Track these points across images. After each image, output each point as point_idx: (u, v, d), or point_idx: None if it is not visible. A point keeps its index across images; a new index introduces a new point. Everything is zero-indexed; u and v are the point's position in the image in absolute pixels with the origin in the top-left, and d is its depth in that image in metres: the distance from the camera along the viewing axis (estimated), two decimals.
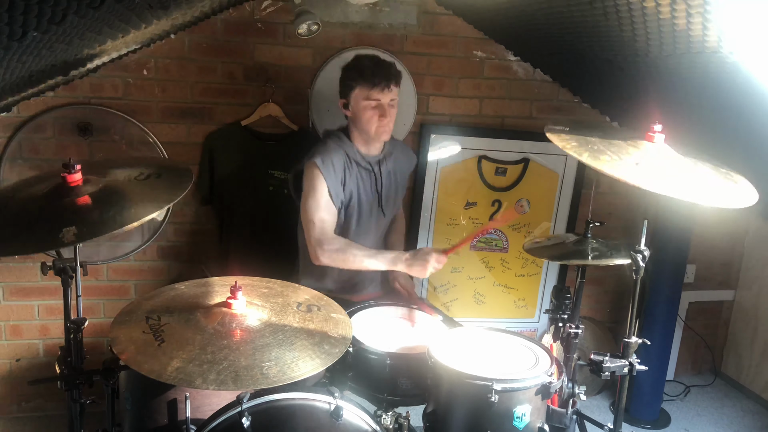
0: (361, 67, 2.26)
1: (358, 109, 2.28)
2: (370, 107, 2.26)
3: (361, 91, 2.25)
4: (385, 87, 2.24)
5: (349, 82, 2.28)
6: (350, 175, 2.34)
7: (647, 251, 1.81)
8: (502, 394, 1.74)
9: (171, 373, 1.38)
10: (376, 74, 2.23)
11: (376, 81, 2.23)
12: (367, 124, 2.28)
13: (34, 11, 0.80)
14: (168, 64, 2.75)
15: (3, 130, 2.67)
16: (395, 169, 2.49)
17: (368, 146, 2.38)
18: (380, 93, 2.24)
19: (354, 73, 2.27)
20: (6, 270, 2.82)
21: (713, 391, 3.62)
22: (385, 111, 2.27)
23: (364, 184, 2.38)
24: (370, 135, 2.32)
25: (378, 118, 2.27)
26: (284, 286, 1.90)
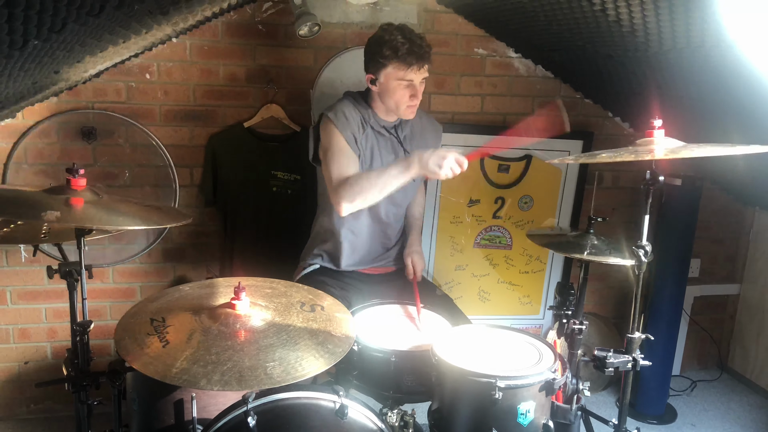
0: (395, 44, 2.13)
1: (389, 87, 2.20)
2: (402, 87, 2.19)
3: (395, 70, 2.16)
4: (419, 67, 2.17)
5: (380, 60, 2.17)
6: (365, 136, 2.29)
7: (649, 246, 1.81)
8: (506, 391, 1.74)
9: (175, 374, 1.39)
10: (412, 53, 2.13)
11: (412, 60, 2.14)
12: (397, 102, 2.23)
13: (34, 21, 0.82)
14: (170, 68, 2.76)
15: (8, 136, 2.70)
16: (416, 135, 2.42)
17: (388, 114, 2.33)
18: (415, 73, 2.17)
19: (387, 51, 2.14)
20: (13, 274, 2.84)
21: (720, 385, 3.61)
22: (416, 91, 2.22)
23: (383, 148, 2.34)
24: (398, 112, 2.26)
25: (409, 97, 2.22)
26: (288, 287, 1.91)
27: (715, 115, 2.15)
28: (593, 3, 1.84)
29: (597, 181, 3.35)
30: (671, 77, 2.16)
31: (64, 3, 0.80)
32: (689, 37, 1.71)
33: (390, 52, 2.14)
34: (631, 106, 2.91)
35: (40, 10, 0.76)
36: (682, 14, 1.61)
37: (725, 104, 2.00)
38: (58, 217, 1.51)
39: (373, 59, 2.21)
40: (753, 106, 1.87)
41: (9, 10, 0.70)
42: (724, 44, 1.63)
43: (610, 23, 1.93)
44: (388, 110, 2.31)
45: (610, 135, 3.25)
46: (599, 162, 2.88)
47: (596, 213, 2.24)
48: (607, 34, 2.05)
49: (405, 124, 2.39)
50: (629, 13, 1.78)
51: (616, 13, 1.83)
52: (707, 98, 2.08)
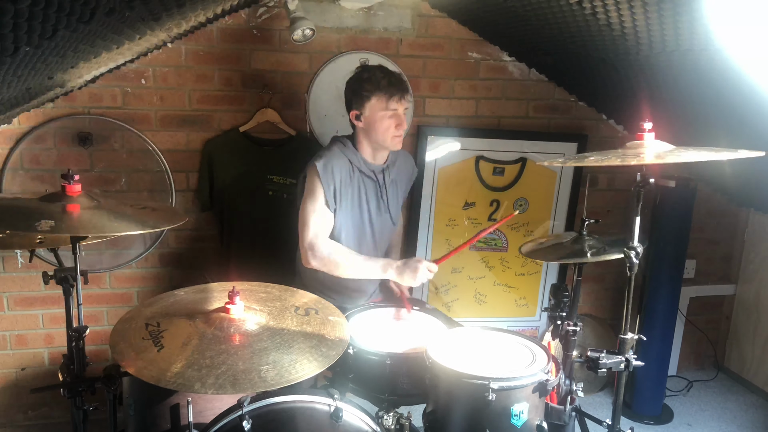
0: (376, 79, 2.27)
1: (375, 119, 2.29)
2: (387, 117, 2.28)
3: (379, 101, 2.27)
4: (401, 98, 2.28)
5: (364, 93, 2.28)
6: (353, 183, 2.36)
7: (640, 247, 1.82)
8: (499, 392, 1.75)
9: (170, 378, 1.40)
10: (393, 84, 2.27)
11: (393, 91, 2.26)
12: (384, 133, 2.30)
13: (24, 28, 0.83)
14: (166, 73, 2.78)
15: (4, 142, 2.71)
16: (398, 178, 2.51)
17: (374, 155, 2.40)
18: (398, 103, 2.28)
19: (369, 85, 2.28)
20: (10, 280, 2.85)
21: (716, 385, 3.62)
22: (401, 120, 2.31)
23: (368, 192, 2.40)
24: (385, 144, 2.34)
25: (395, 127, 2.30)
26: (282, 290, 1.92)
27: (705, 117, 2.17)
28: (584, 7, 1.85)
29: (592, 183, 3.36)
30: (663, 80, 2.17)
31: (54, 10, 0.80)
32: (678, 40, 1.73)
33: (372, 86, 2.27)
34: (624, 109, 2.93)
35: (29, 17, 0.77)
36: (670, 18, 1.62)
37: (714, 107, 2.02)
38: (51, 226, 1.52)
39: (357, 95, 2.31)
40: (741, 108, 1.89)
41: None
42: (713, 48, 1.64)
43: (600, 27, 1.95)
44: (375, 147, 2.37)
45: (605, 137, 3.27)
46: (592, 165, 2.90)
47: (592, 215, 2.26)
48: (599, 37, 2.06)
49: (391, 167, 2.45)
50: (619, 16, 1.80)
51: (606, 17, 1.85)
52: (697, 101, 2.09)
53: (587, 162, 1.61)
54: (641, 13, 1.71)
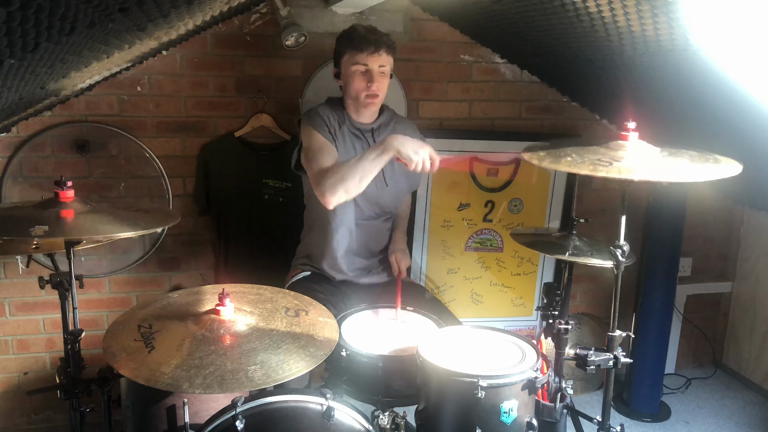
0: (351, 33, 2.28)
1: (348, 74, 2.29)
2: (359, 72, 2.26)
3: (350, 56, 2.26)
4: (374, 51, 2.23)
5: (339, 48, 2.30)
6: (342, 137, 2.34)
7: (626, 246, 1.84)
8: (488, 390, 1.77)
9: (159, 378, 1.44)
10: (366, 39, 2.23)
11: (364, 46, 2.23)
12: (354, 90, 2.28)
13: (4, 42, 0.86)
14: (161, 80, 2.82)
15: (3, 150, 2.75)
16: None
17: (359, 113, 2.38)
18: (368, 57, 2.24)
19: (345, 39, 2.29)
20: (11, 285, 2.89)
21: (714, 383, 3.63)
22: (372, 76, 2.26)
23: (357, 148, 2.37)
24: (359, 101, 2.31)
25: (366, 84, 2.27)
26: (274, 292, 1.96)
27: (688, 117, 2.19)
28: (567, 9, 1.88)
29: (586, 183, 3.39)
30: (650, 80, 2.19)
31: (31, 24, 0.84)
32: (659, 41, 1.75)
33: (346, 40, 2.28)
34: (616, 109, 2.96)
35: (6, 32, 0.80)
36: (649, 19, 1.65)
37: (696, 106, 2.04)
38: (45, 231, 1.56)
39: (336, 51, 2.33)
40: (722, 108, 1.91)
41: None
42: (692, 48, 1.66)
43: (585, 29, 1.98)
44: (355, 106, 2.36)
45: (598, 138, 3.27)
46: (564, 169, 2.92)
47: (586, 214, 2.28)
48: (584, 39, 2.09)
49: (383, 127, 2.43)
50: (601, 18, 1.82)
51: (589, 18, 1.87)
52: (679, 101, 2.12)
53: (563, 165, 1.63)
54: (622, 15, 1.73)
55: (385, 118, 2.44)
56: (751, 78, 1.68)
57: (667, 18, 1.60)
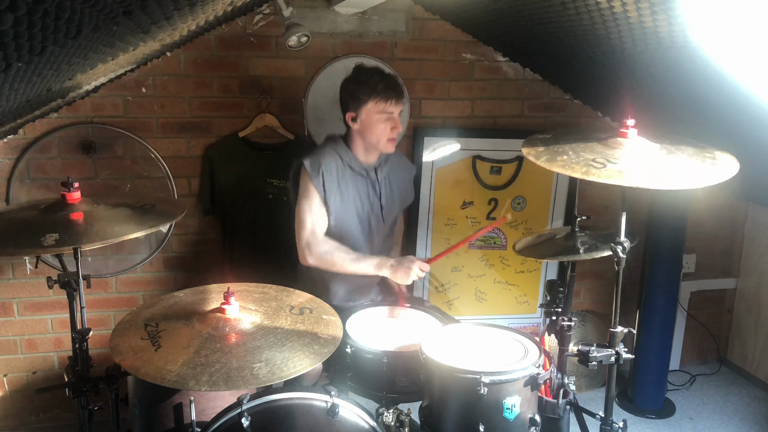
0: (372, 82, 2.31)
1: (371, 122, 2.33)
2: (383, 120, 2.32)
3: (376, 105, 2.30)
4: (397, 101, 2.33)
5: (361, 96, 2.32)
6: (345, 180, 2.39)
7: (627, 242, 1.85)
8: (491, 386, 1.79)
9: (166, 376, 1.46)
10: (390, 88, 2.31)
11: (390, 95, 2.30)
12: (379, 136, 2.34)
13: (12, 46, 0.88)
14: (165, 81, 2.84)
15: (11, 152, 2.78)
16: (391, 176, 2.53)
17: (367, 155, 2.43)
18: (394, 106, 2.32)
19: (366, 88, 2.31)
20: (19, 286, 2.92)
21: (719, 379, 3.64)
22: (397, 123, 2.35)
23: (360, 190, 2.43)
24: (379, 147, 2.37)
25: (390, 129, 2.34)
26: (279, 291, 1.98)
27: (688, 113, 2.20)
28: (567, 7, 1.89)
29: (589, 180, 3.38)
30: (650, 77, 2.20)
31: (38, 29, 0.86)
32: (659, 38, 1.76)
33: (369, 89, 2.31)
34: (617, 106, 2.96)
35: (14, 36, 0.82)
36: (649, 16, 1.66)
37: (696, 103, 2.05)
38: (57, 240, 1.58)
39: (353, 97, 2.34)
40: (721, 105, 1.92)
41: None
42: (691, 45, 1.67)
43: (584, 26, 1.99)
44: (368, 148, 2.41)
45: (598, 132, 3.29)
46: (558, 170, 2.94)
47: (589, 211, 2.29)
48: (584, 37, 2.10)
49: (383, 166, 2.48)
50: (601, 16, 1.83)
51: (589, 16, 1.88)
52: (679, 97, 2.13)
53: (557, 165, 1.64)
54: (621, 12, 1.74)
55: (383, 155, 2.48)
56: (750, 74, 1.69)
57: (666, 15, 1.61)
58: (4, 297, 2.92)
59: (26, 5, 0.70)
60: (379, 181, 2.46)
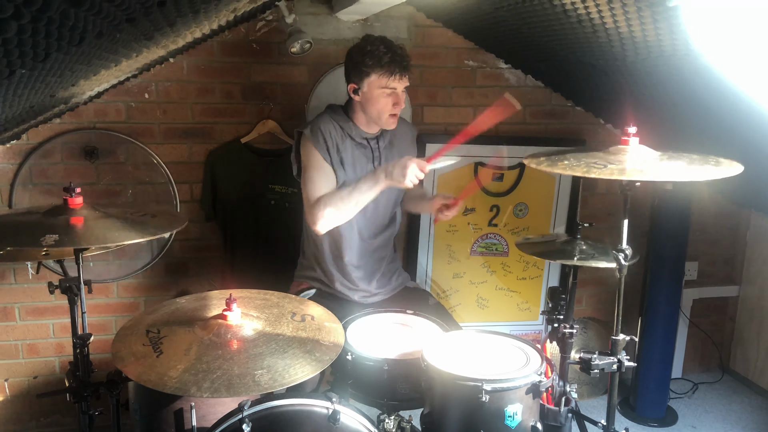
0: (378, 54, 2.23)
1: (373, 96, 2.28)
2: (385, 95, 2.27)
3: (379, 79, 2.24)
4: (401, 76, 2.26)
5: (364, 69, 2.25)
6: (345, 148, 2.35)
7: (629, 250, 1.85)
8: (493, 394, 1.79)
9: (167, 382, 1.46)
10: (395, 62, 2.23)
11: (395, 69, 2.23)
12: (380, 111, 2.30)
13: (15, 53, 0.88)
14: (168, 87, 2.85)
15: (14, 157, 2.79)
16: (393, 143, 2.49)
17: (369, 125, 2.39)
18: (398, 81, 2.26)
19: (371, 60, 2.23)
20: (21, 291, 2.93)
21: (721, 387, 3.62)
22: (399, 98, 2.30)
23: (359, 159, 2.39)
24: (380, 121, 2.33)
25: (392, 105, 2.29)
26: (281, 297, 1.97)
27: (690, 122, 2.20)
28: (569, 15, 1.89)
29: (591, 187, 3.39)
30: (652, 85, 2.20)
31: (42, 36, 0.86)
32: (661, 46, 1.76)
33: (373, 62, 2.23)
34: (620, 113, 2.96)
35: (19, 43, 0.83)
36: (651, 24, 1.66)
37: (699, 111, 2.05)
38: (56, 240, 1.58)
39: (356, 69, 2.28)
40: (723, 113, 1.92)
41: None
42: (693, 53, 1.68)
43: (587, 34, 1.99)
44: (370, 120, 2.38)
45: (603, 142, 3.29)
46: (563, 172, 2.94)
47: (591, 218, 2.29)
48: (586, 44, 2.11)
49: (384, 134, 2.45)
50: (603, 24, 1.84)
51: (591, 24, 1.89)
52: (681, 105, 2.13)
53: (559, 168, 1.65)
54: (623, 20, 1.75)
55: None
56: (751, 82, 1.69)
57: (668, 23, 1.61)
58: (5, 302, 2.92)
59: (30, 13, 0.71)
60: (380, 149, 2.42)
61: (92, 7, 0.84)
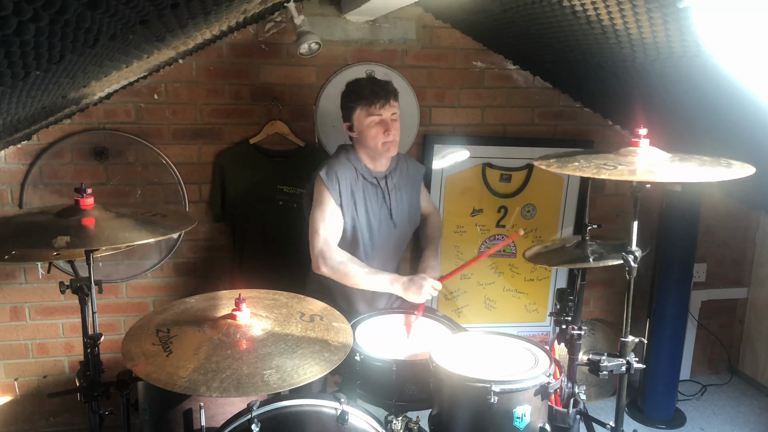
0: (358, 89, 2.36)
1: (363, 127, 2.35)
2: (374, 124, 2.34)
3: (363, 110, 2.33)
4: (385, 103, 2.33)
5: (349, 104, 2.37)
6: (358, 188, 2.41)
7: (638, 251, 1.85)
8: (501, 395, 1.78)
9: (177, 381, 1.46)
10: (374, 92, 2.32)
11: (375, 99, 2.31)
12: (373, 140, 2.36)
13: (32, 55, 0.89)
14: (177, 88, 2.86)
15: (25, 158, 2.81)
16: (402, 182, 2.54)
17: (375, 163, 2.45)
18: (381, 109, 2.33)
19: (353, 96, 2.36)
20: (31, 290, 2.95)
21: (730, 389, 3.61)
22: (388, 125, 2.35)
23: (371, 198, 2.45)
24: (377, 151, 2.38)
25: (383, 133, 2.34)
26: (290, 298, 1.98)
27: (701, 123, 2.19)
28: (578, 17, 1.89)
29: (600, 188, 3.38)
30: (662, 86, 2.20)
31: (58, 38, 0.87)
32: (671, 47, 1.76)
33: (356, 96, 2.36)
34: (628, 115, 2.95)
35: (35, 45, 0.83)
36: (661, 26, 1.66)
37: (709, 113, 2.04)
38: (67, 242, 1.59)
39: (345, 107, 2.40)
40: (734, 115, 1.91)
41: (5, 48, 0.78)
42: (704, 55, 1.67)
43: (596, 35, 1.99)
44: (372, 156, 2.43)
45: (611, 143, 3.29)
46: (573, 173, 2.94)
47: (600, 220, 2.29)
48: (595, 45, 2.10)
49: (393, 173, 2.50)
50: (612, 25, 1.83)
51: (600, 25, 1.89)
52: (691, 106, 2.12)
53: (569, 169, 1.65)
54: (633, 22, 1.74)
55: (393, 163, 2.51)
56: (763, 84, 1.68)
57: (678, 25, 1.61)
58: (16, 301, 2.94)
59: (49, 16, 0.71)
60: (389, 189, 2.48)
61: (108, 10, 0.84)
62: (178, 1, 1.08)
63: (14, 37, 0.72)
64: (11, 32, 0.70)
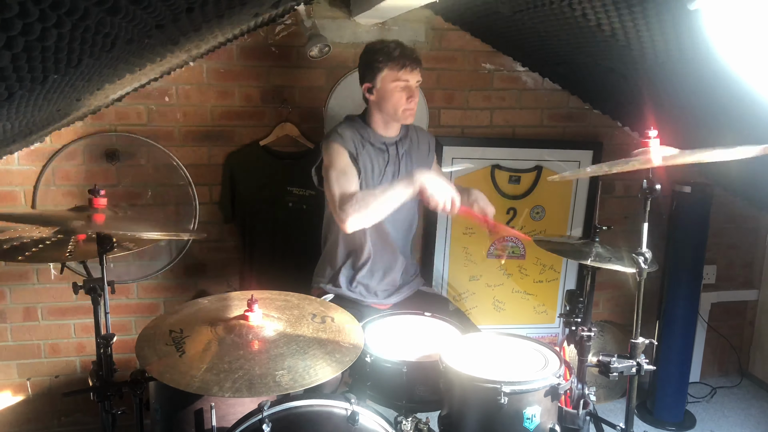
0: (388, 50, 2.29)
1: (386, 90, 2.31)
2: (399, 88, 2.30)
3: (390, 72, 2.29)
4: (414, 68, 2.30)
5: (376, 65, 2.30)
6: (364, 152, 2.38)
7: (649, 253, 1.85)
8: (511, 396, 1.79)
9: (190, 381, 1.48)
10: (405, 55, 2.28)
11: (406, 62, 2.27)
12: (395, 105, 2.32)
13: (51, 59, 0.91)
14: (188, 90, 2.89)
15: (38, 160, 2.84)
16: (411, 151, 2.51)
17: (386, 128, 2.42)
18: (409, 74, 2.29)
19: (382, 56, 2.30)
20: (44, 291, 2.97)
21: (740, 392, 3.59)
22: (413, 92, 2.32)
23: (379, 164, 2.41)
24: (396, 116, 2.35)
25: (406, 99, 2.32)
26: (301, 299, 1.99)
27: (710, 123, 2.19)
28: (588, 19, 1.90)
29: (609, 190, 3.38)
30: (671, 88, 2.20)
31: (78, 43, 0.89)
32: (681, 50, 1.76)
33: (384, 57, 2.29)
34: (637, 117, 2.96)
35: (55, 50, 0.85)
36: (670, 28, 1.66)
37: (718, 114, 2.04)
38: (83, 224, 1.62)
39: (369, 66, 2.33)
40: (744, 117, 1.91)
41: (27, 53, 0.79)
42: (714, 57, 1.67)
43: (606, 38, 1.99)
44: (387, 120, 2.40)
45: (620, 145, 3.29)
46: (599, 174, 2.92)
47: (609, 221, 2.29)
48: (605, 48, 2.11)
49: (404, 139, 2.47)
50: (623, 27, 1.84)
51: (610, 28, 1.89)
52: (701, 109, 2.12)
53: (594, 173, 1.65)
54: (643, 24, 1.75)
55: (405, 130, 2.49)
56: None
57: (688, 27, 1.61)
58: (28, 302, 2.97)
59: (71, 22, 0.73)
60: (399, 156, 2.45)
61: (127, 15, 0.86)
62: (193, 6, 1.10)
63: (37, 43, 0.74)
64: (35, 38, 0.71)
